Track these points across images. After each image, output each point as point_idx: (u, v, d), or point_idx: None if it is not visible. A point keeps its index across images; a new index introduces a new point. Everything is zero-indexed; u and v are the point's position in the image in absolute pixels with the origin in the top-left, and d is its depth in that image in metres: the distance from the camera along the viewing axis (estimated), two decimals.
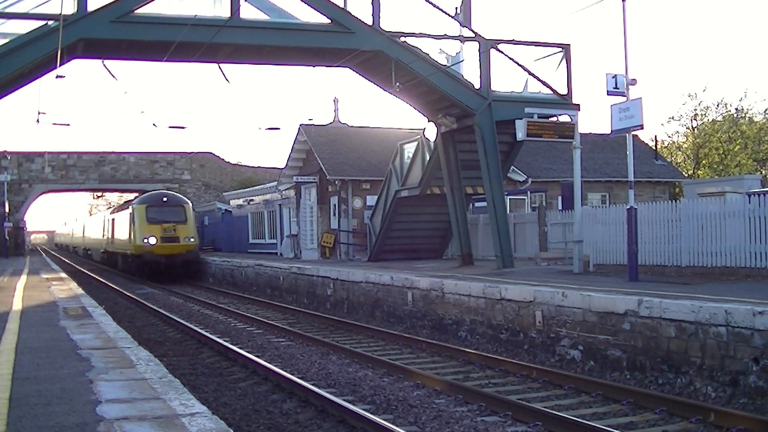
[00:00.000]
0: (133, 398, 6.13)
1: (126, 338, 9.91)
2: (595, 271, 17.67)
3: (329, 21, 18.91)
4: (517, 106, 19.63)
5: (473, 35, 20.31)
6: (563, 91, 20.51)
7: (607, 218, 17.87)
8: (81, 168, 55.10)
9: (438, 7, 19.89)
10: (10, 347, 8.93)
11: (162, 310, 21.11)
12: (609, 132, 16.48)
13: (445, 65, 20.29)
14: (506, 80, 21.06)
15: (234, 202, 46.96)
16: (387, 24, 19.45)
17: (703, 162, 46.83)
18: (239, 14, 18.10)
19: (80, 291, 18.92)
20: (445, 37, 20.44)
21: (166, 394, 6.24)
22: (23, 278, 23.95)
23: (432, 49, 20.41)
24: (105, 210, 61.74)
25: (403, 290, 17.78)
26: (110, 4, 17.53)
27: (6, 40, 17.36)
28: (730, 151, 45.73)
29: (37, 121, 31.28)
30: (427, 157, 24.18)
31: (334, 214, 31.67)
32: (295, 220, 36.19)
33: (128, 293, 26.76)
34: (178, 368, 12.17)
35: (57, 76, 19.16)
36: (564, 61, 20.62)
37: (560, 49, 20.71)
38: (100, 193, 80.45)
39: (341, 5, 19.06)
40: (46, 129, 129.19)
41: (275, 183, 38.15)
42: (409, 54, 19.47)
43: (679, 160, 47.76)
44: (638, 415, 9.25)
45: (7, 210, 48.98)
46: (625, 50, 15.92)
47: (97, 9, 17.51)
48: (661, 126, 78.87)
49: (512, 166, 25.69)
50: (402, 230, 26.49)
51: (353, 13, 19.12)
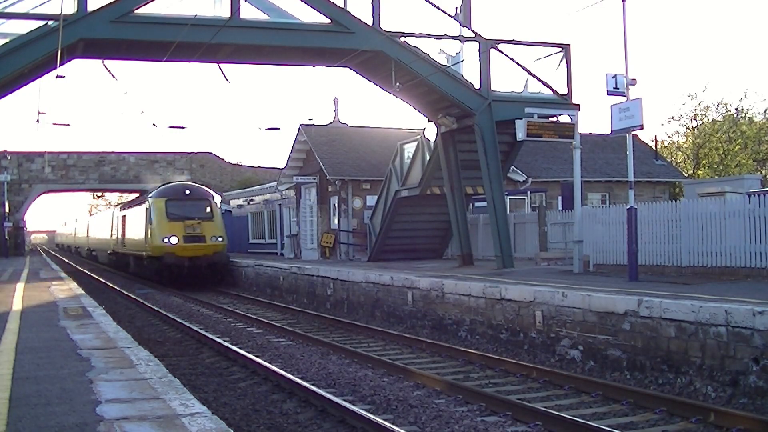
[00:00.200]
0: (133, 398, 6.13)
1: (126, 338, 9.91)
2: (595, 271, 17.67)
3: (329, 21, 18.92)
4: (517, 106, 19.65)
5: (473, 35, 20.31)
6: (563, 91, 20.52)
7: (607, 218, 17.87)
8: (81, 168, 55.09)
9: (438, 7, 19.91)
10: (10, 347, 8.93)
11: (162, 310, 21.11)
12: (609, 132, 16.48)
13: (445, 65, 20.30)
14: (506, 80, 21.11)
15: (234, 202, 46.94)
16: (387, 24, 19.47)
17: (703, 162, 46.84)
18: (239, 14, 18.11)
19: (80, 291, 18.91)
20: (445, 37, 20.45)
21: (166, 394, 6.24)
22: (23, 278, 23.94)
23: (432, 49, 20.47)
24: (111, 207, 57.79)
25: (403, 290, 17.78)
26: (110, 4, 17.54)
27: (6, 40, 17.37)
28: (730, 151, 45.73)
29: (37, 121, 31.31)
30: (427, 157, 24.18)
31: (334, 214, 31.68)
32: (295, 220, 36.21)
33: (128, 293, 26.77)
34: (178, 368, 12.17)
35: (57, 76, 19.20)
36: (564, 61, 20.63)
37: (560, 49, 20.73)
38: (100, 193, 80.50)
39: (341, 5, 19.06)
40: (46, 129, 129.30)
41: (275, 183, 38.16)
42: (409, 54, 19.48)
43: (679, 160, 47.77)
44: (638, 415, 9.25)
45: (7, 210, 48.97)
46: (625, 50, 15.93)
47: (97, 9, 17.53)
48: (661, 126, 78.95)
49: (512, 166, 25.70)
50: (402, 230, 26.50)
51: (353, 13, 19.13)
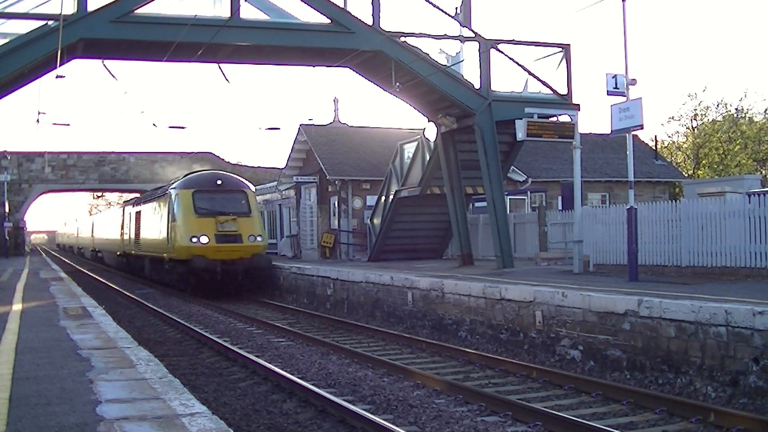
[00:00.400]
0: (133, 398, 6.13)
1: (126, 338, 9.91)
2: (595, 271, 17.66)
3: (329, 21, 18.92)
4: (517, 106, 19.64)
5: (473, 35, 20.31)
6: (563, 91, 20.52)
7: (607, 218, 17.86)
8: (81, 168, 55.04)
9: (438, 7, 19.91)
10: (10, 347, 8.93)
11: (162, 310, 21.11)
12: (609, 132, 16.48)
13: (445, 65, 20.30)
14: (506, 80, 21.12)
15: None
16: (387, 24, 19.47)
17: (703, 162, 46.85)
18: (239, 14, 18.10)
19: (80, 291, 18.92)
20: (445, 37, 20.44)
21: (166, 394, 6.24)
22: (23, 278, 23.95)
23: (432, 49, 20.47)
24: (119, 204, 53.69)
25: (403, 290, 17.77)
26: (110, 4, 17.54)
27: (6, 40, 17.37)
28: (730, 151, 45.75)
29: (37, 121, 31.35)
30: (427, 157, 24.18)
31: (334, 214, 31.69)
32: (295, 220, 36.21)
33: (128, 293, 26.76)
34: (178, 368, 12.16)
35: (57, 76, 19.21)
36: (564, 61, 20.63)
37: (560, 49, 20.73)
38: (100, 193, 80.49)
39: (341, 5, 19.06)
40: (46, 129, 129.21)
41: (275, 183, 38.17)
42: (409, 54, 19.47)
43: (679, 160, 47.79)
44: (638, 415, 9.25)
45: (7, 210, 48.95)
46: (625, 50, 15.93)
47: (97, 9, 17.53)
48: (661, 126, 78.98)
49: (512, 166, 25.71)
50: (402, 230, 26.49)
51: (353, 13, 19.13)
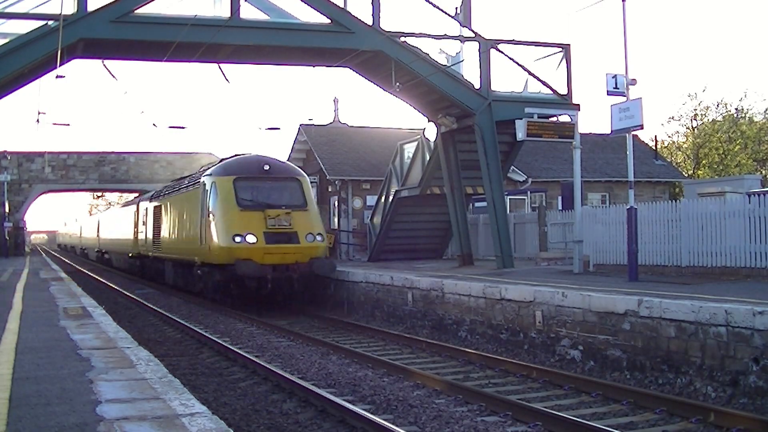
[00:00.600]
0: (133, 398, 6.12)
1: (126, 338, 9.90)
2: (595, 271, 17.66)
3: (329, 21, 18.91)
4: (517, 106, 19.63)
5: (473, 35, 20.31)
6: (563, 91, 20.51)
7: (607, 218, 17.86)
8: (81, 168, 55.07)
9: (438, 7, 19.90)
10: (10, 347, 8.92)
11: (162, 310, 21.09)
12: (609, 132, 16.47)
13: (445, 65, 20.29)
14: (506, 80, 21.10)
15: None
16: (387, 24, 19.46)
17: (703, 162, 46.88)
18: (239, 14, 18.10)
19: (80, 291, 18.91)
20: (445, 37, 20.44)
21: (166, 394, 6.24)
22: (23, 278, 23.94)
23: (432, 49, 20.45)
24: (133, 200, 42.15)
25: (403, 290, 17.77)
26: (110, 4, 17.53)
27: (6, 40, 17.37)
28: (730, 151, 45.79)
29: (37, 121, 31.36)
30: (427, 157, 24.18)
31: (334, 214, 31.69)
32: None
33: (128, 293, 26.75)
34: (178, 368, 12.14)
35: (57, 76, 19.21)
36: (564, 61, 20.63)
37: (560, 49, 20.72)
38: (100, 193, 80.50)
39: (341, 5, 19.06)
40: (46, 129, 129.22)
41: None
42: (409, 54, 19.47)
43: (679, 160, 47.81)
44: (638, 415, 9.24)
45: (7, 210, 48.96)
46: (625, 50, 15.93)
47: (97, 9, 17.52)
48: (661, 126, 78.87)
49: (512, 166, 25.71)
50: (402, 230, 26.49)
51: (353, 13, 19.12)
